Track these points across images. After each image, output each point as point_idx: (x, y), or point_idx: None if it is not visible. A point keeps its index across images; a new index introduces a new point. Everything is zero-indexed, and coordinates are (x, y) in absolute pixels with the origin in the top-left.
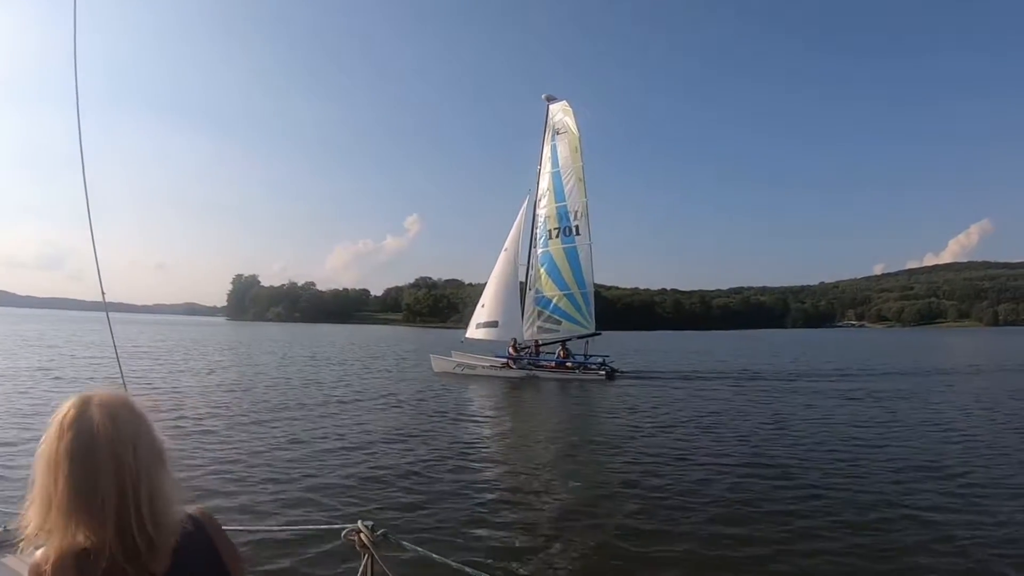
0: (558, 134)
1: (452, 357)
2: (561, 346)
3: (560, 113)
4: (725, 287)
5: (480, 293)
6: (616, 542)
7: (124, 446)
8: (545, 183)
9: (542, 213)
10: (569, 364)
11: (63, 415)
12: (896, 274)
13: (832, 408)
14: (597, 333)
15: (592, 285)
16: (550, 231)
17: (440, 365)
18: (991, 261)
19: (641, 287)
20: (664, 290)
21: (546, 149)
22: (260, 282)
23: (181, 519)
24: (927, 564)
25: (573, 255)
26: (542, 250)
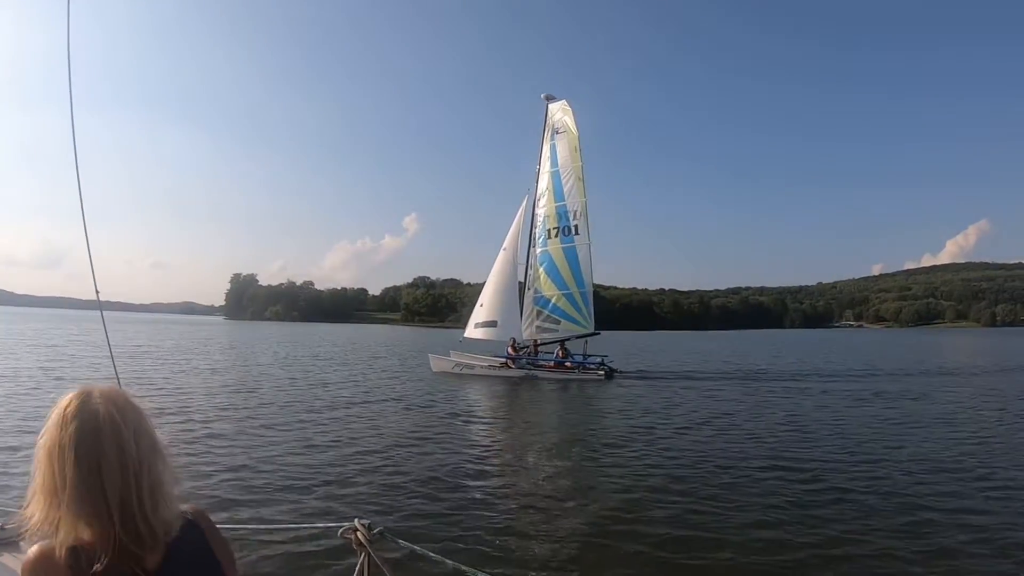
0: (557, 133)
1: (451, 357)
2: (560, 346)
3: (559, 112)
4: (723, 287)
5: (479, 293)
6: (616, 542)
7: (127, 436)
8: (544, 182)
9: (541, 212)
10: (568, 364)
11: (65, 406)
12: (894, 275)
13: (843, 408)
14: (596, 333)
15: (591, 285)
16: (549, 230)
17: (439, 365)
18: (989, 262)
19: (639, 287)
20: (663, 290)
21: (545, 148)
22: (258, 281)
23: (178, 514)
24: (965, 566)
25: (572, 255)
26: (541, 250)
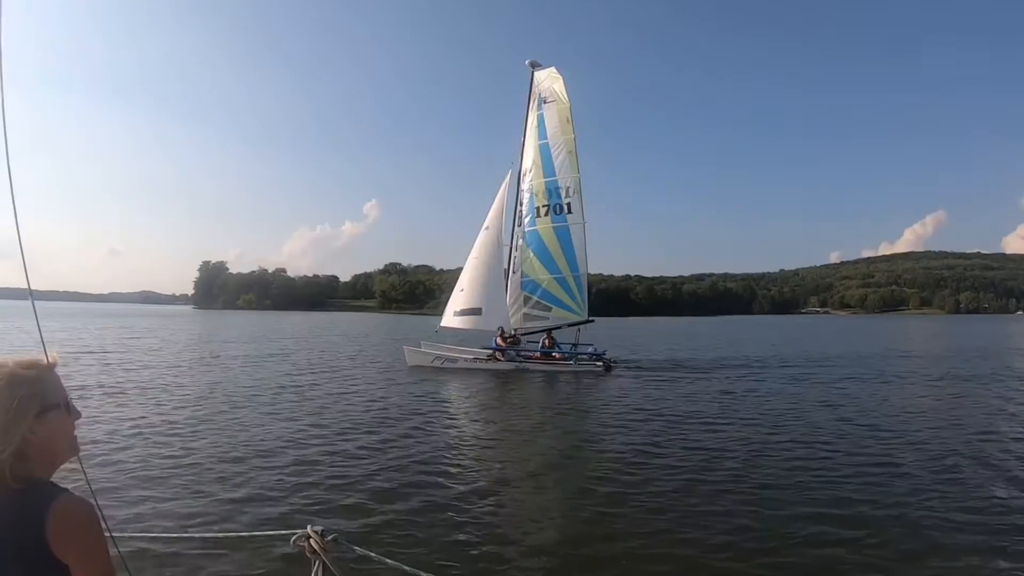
0: (546, 103)
1: (430, 349)
2: (547, 335)
3: (548, 80)
4: (687, 273)
5: (456, 279)
6: (590, 549)
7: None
8: (530, 157)
9: (527, 189)
10: (556, 354)
11: None
12: (855, 262)
13: (864, 398)
14: (590, 320)
15: (586, 268)
16: (538, 208)
17: (415, 358)
18: (947, 251)
19: (605, 273)
20: (628, 276)
21: (531, 119)
22: (228, 269)
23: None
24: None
25: (565, 235)
26: (529, 229)
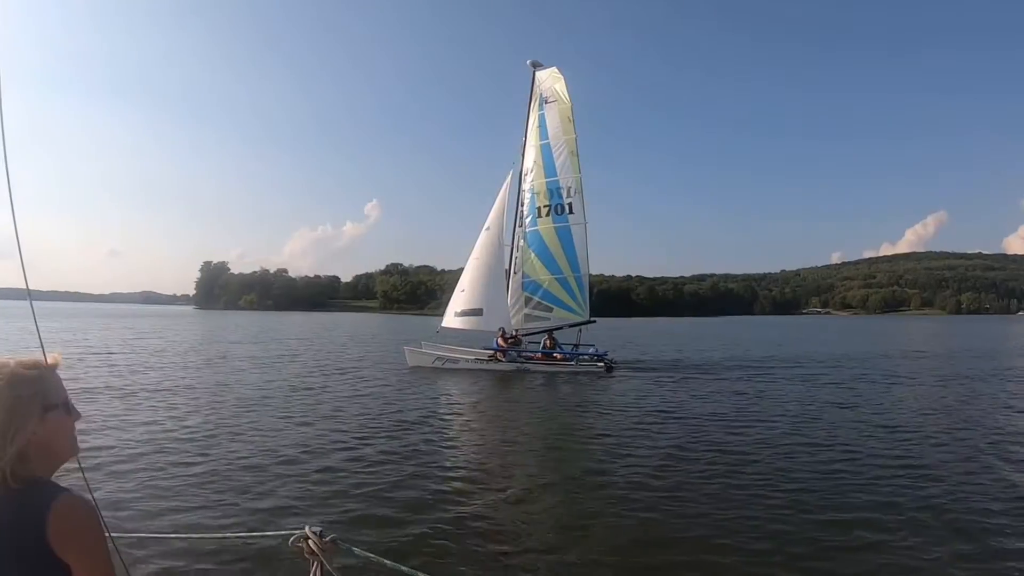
0: (547, 103)
1: (430, 350)
2: (548, 335)
3: (549, 80)
4: (688, 274)
5: (457, 279)
6: (592, 552)
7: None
8: (531, 157)
9: (529, 189)
10: (557, 355)
11: None
12: (856, 263)
13: (878, 398)
14: (591, 320)
15: (587, 269)
16: (539, 208)
17: (416, 359)
18: (949, 251)
19: (606, 273)
20: (629, 276)
21: (532, 119)
22: (230, 269)
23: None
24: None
25: (566, 235)
26: (530, 230)
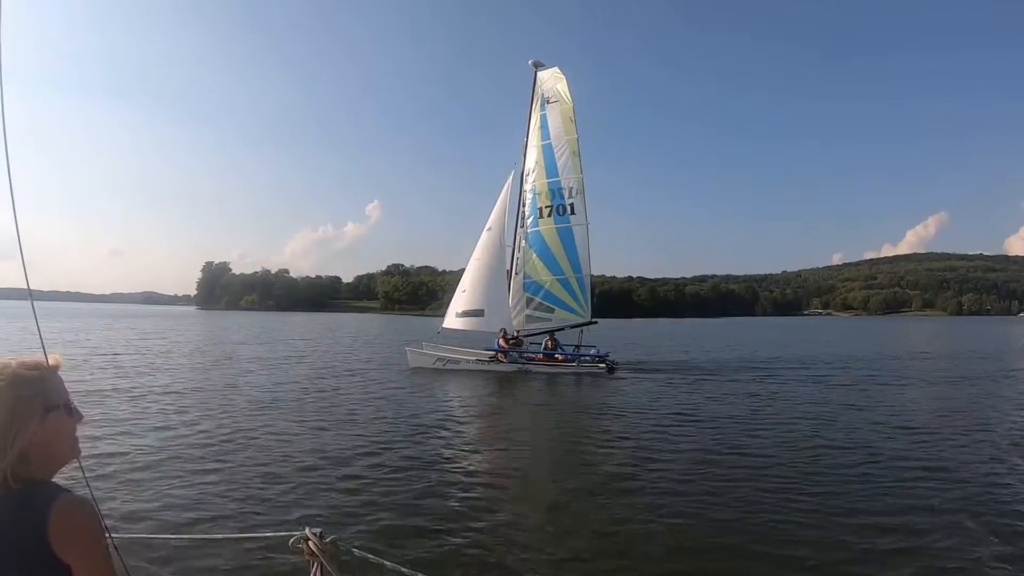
0: (549, 103)
1: (431, 351)
2: (549, 336)
3: (551, 80)
4: (689, 275)
5: (458, 280)
6: (597, 556)
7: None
8: (533, 157)
9: (530, 189)
10: (558, 356)
11: None
12: (857, 264)
13: (891, 400)
14: (593, 321)
15: (589, 270)
16: (541, 209)
17: (417, 360)
18: (950, 252)
19: (608, 274)
20: (631, 277)
21: (534, 119)
22: (231, 270)
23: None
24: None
25: (568, 236)
26: (532, 230)
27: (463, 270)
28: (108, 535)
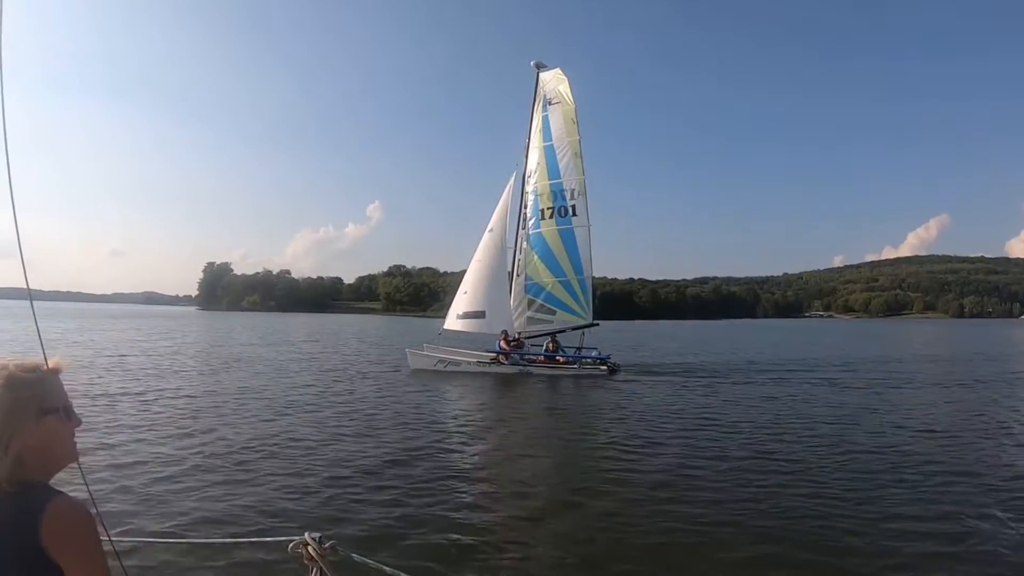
0: (551, 104)
1: (432, 352)
2: (551, 338)
3: (553, 81)
4: (690, 277)
5: (459, 281)
6: (601, 562)
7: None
8: (535, 159)
9: (532, 191)
10: (560, 358)
11: None
12: (858, 266)
13: (908, 403)
14: (595, 323)
15: (591, 272)
16: (542, 211)
17: (418, 361)
18: (951, 255)
19: (609, 276)
20: (632, 279)
21: (536, 120)
22: (233, 270)
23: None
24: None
25: (570, 238)
26: (533, 232)
27: (464, 271)
28: (108, 538)
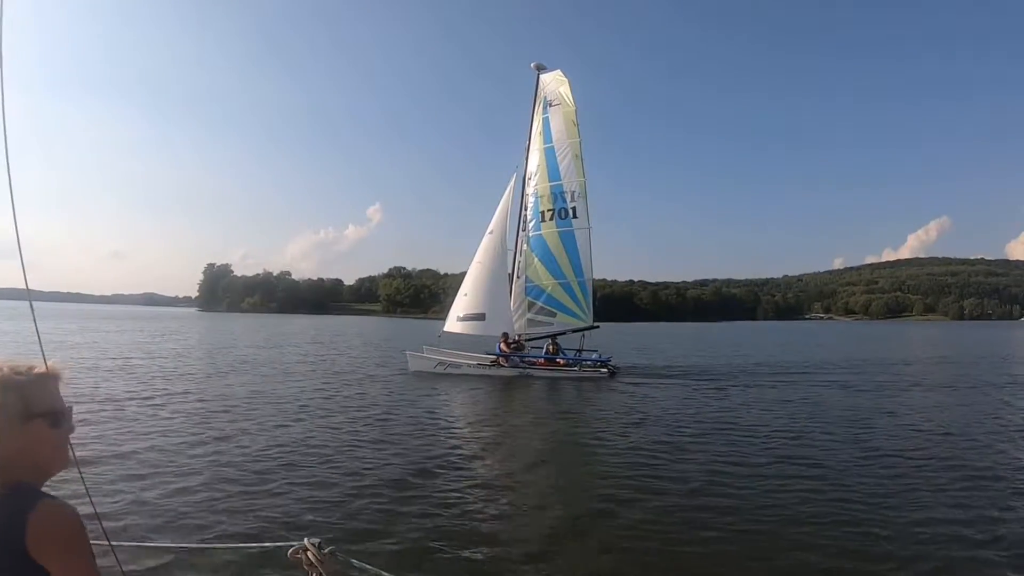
0: (551, 106)
1: (432, 355)
2: (551, 340)
3: (553, 83)
4: (690, 279)
5: (460, 283)
6: (604, 568)
7: None
8: (535, 161)
9: (532, 193)
10: (560, 360)
11: None
12: (858, 268)
13: (921, 405)
14: (595, 326)
15: (591, 274)
16: (543, 213)
17: (417, 364)
18: (951, 257)
19: (609, 278)
20: (632, 281)
21: (536, 122)
22: (233, 271)
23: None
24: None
25: (570, 240)
26: (534, 234)
27: (465, 273)
28: (108, 543)
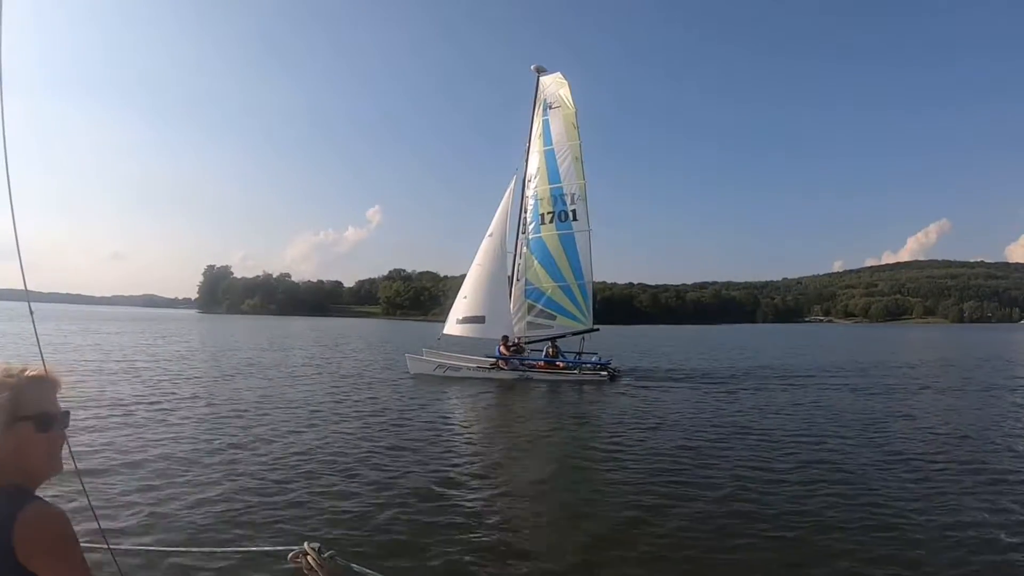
0: (551, 108)
1: (432, 357)
2: (551, 343)
3: (553, 85)
4: (690, 282)
5: (459, 286)
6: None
7: None
8: (535, 163)
9: (532, 195)
10: (560, 363)
11: None
12: (858, 271)
13: (935, 409)
14: (595, 329)
15: (591, 277)
16: (543, 215)
17: (417, 366)
18: (951, 260)
19: (609, 280)
20: (632, 284)
21: (536, 124)
22: (233, 273)
23: None
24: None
25: (570, 242)
26: (533, 236)
27: (464, 276)
28: (108, 547)
